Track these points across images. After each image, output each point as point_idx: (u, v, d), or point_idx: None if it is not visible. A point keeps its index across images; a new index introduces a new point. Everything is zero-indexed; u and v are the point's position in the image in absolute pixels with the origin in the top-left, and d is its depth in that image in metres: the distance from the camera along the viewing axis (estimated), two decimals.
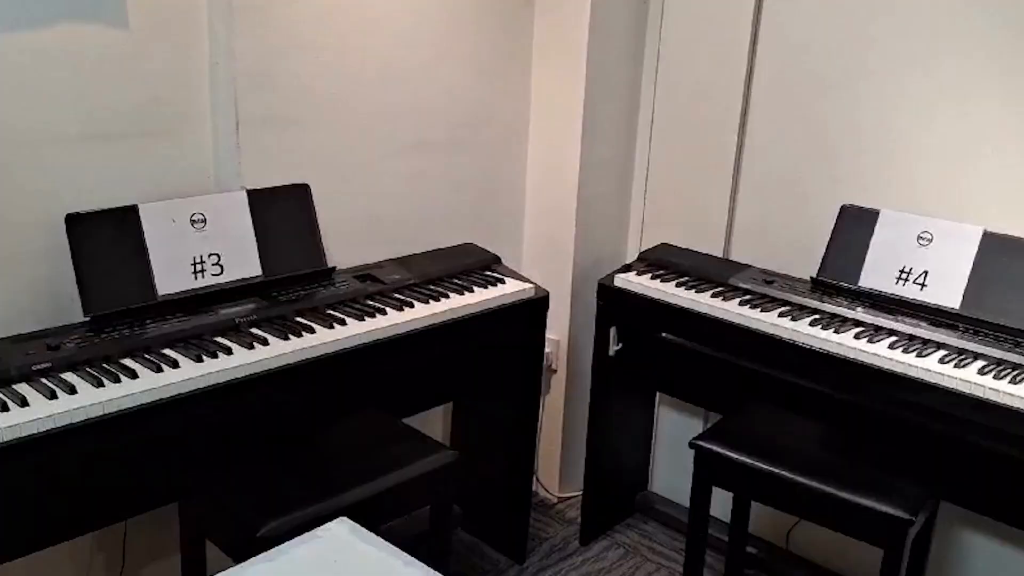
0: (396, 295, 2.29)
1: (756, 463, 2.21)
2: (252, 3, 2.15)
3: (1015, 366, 2.08)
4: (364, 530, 1.43)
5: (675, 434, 2.94)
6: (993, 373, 2.05)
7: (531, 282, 2.52)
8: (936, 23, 2.30)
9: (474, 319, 2.33)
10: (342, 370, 2.07)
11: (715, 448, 2.29)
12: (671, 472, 3.01)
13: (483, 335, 2.41)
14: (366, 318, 2.14)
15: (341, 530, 1.43)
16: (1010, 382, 2.01)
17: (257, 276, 2.17)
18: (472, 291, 2.39)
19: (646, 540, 2.92)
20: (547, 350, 2.90)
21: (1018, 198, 2.25)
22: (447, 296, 2.33)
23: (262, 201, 2.19)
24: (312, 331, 2.05)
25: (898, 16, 2.36)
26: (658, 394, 3.03)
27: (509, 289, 2.45)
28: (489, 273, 2.54)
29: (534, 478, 3.05)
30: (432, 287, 2.37)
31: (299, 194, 2.26)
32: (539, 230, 2.94)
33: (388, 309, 2.20)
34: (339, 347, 2.04)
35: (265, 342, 1.97)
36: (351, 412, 2.25)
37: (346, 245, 2.42)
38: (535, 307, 2.51)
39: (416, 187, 2.62)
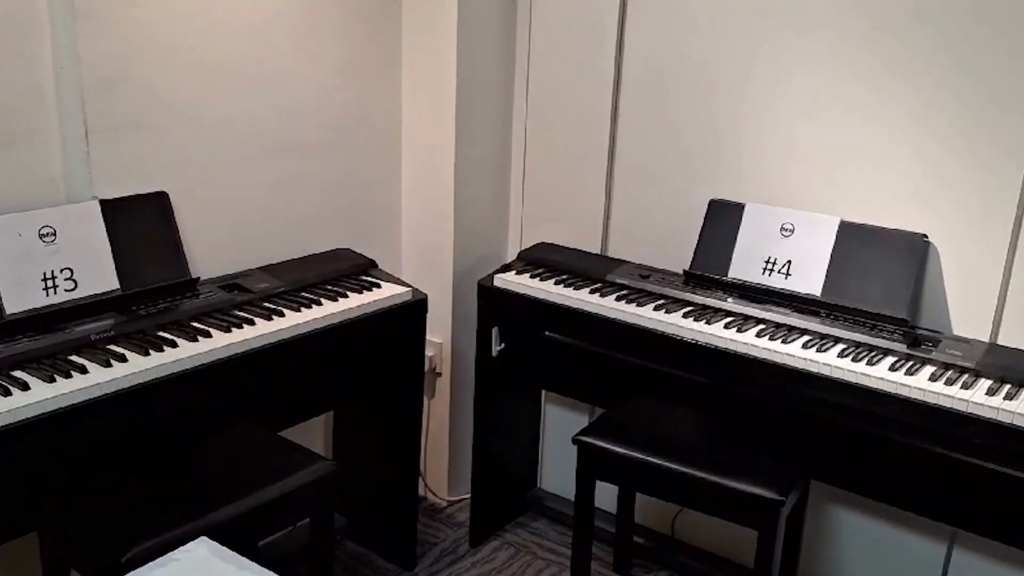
0: (265, 304, 2.23)
1: (636, 455, 2.25)
2: (96, 6, 2.05)
3: (872, 348, 2.18)
4: (225, 550, 1.38)
5: (562, 431, 2.96)
6: (852, 356, 2.14)
7: (408, 285, 2.49)
8: (799, 27, 2.39)
9: (349, 325, 2.29)
10: (210, 385, 2.00)
11: (597, 442, 2.32)
12: (560, 469, 3.03)
13: (360, 341, 2.37)
14: (233, 329, 2.07)
15: (200, 551, 1.38)
16: (867, 363, 2.10)
17: (115, 290, 2.08)
18: (346, 297, 2.35)
19: (536, 538, 2.93)
20: (430, 353, 2.88)
21: (871, 189, 2.35)
22: (319, 303, 2.28)
23: (117, 211, 2.09)
24: (175, 345, 1.97)
25: (763, 18, 2.44)
26: (544, 392, 3.05)
27: (385, 293, 2.41)
28: (364, 278, 2.50)
29: (422, 483, 3.03)
30: (304, 294, 2.32)
31: (157, 203, 2.17)
32: (417, 233, 2.91)
33: (256, 319, 2.13)
34: (204, 361, 1.97)
35: (123, 359, 1.89)
36: (223, 428, 2.17)
37: (212, 254, 2.34)
38: (413, 310, 2.48)
39: (285, 192, 2.56)
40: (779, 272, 2.42)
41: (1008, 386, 2.01)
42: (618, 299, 2.46)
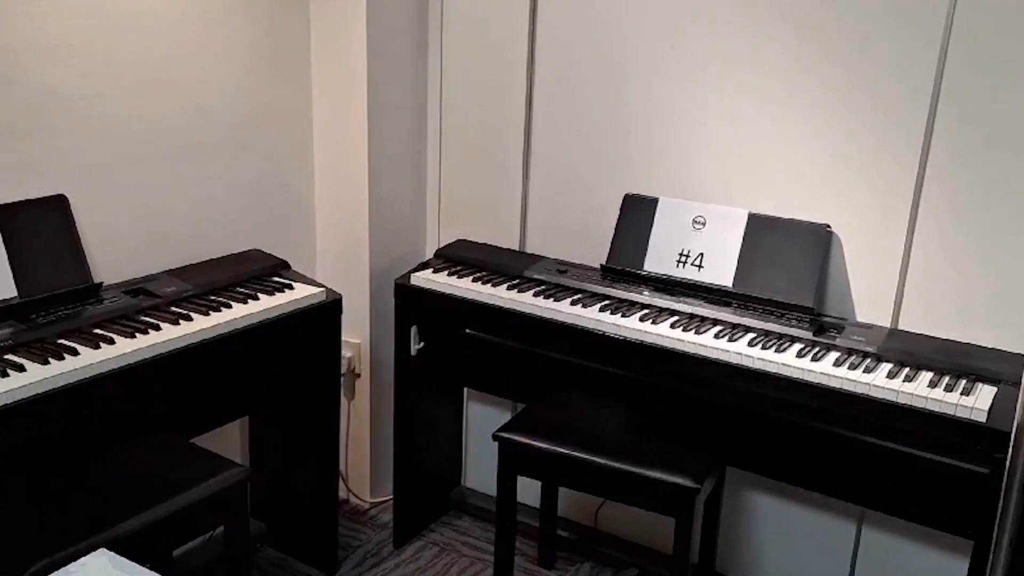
0: (172, 308, 2.18)
1: (555, 449, 2.26)
2: None
3: (780, 336, 2.23)
4: (125, 561, 1.34)
5: (486, 428, 2.95)
6: (761, 344, 2.19)
7: (322, 286, 2.46)
8: (706, 23, 2.43)
9: (261, 328, 2.25)
10: (115, 393, 1.94)
11: (517, 438, 2.33)
12: (484, 466, 3.03)
13: (273, 344, 2.33)
14: (137, 335, 2.01)
15: (99, 562, 1.33)
16: (775, 351, 2.16)
17: (12, 298, 2.00)
18: (257, 299, 2.30)
19: (461, 536, 2.92)
20: (348, 354, 2.85)
21: (777, 181, 2.41)
22: (229, 306, 2.23)
23: (11, 216, 2.01)
24: (75, 353, 1.90)
25: (671, 15, 2.47)
26: (466, 389, 3.04)
27: (298, 295, 2.38)
28: (276, 279, 2.46)
29: (344, 486, 2.99)
30: (213, 297, 2.27)
31: (55, 206, 2.10)
32: (331, 232, 2.88)
33: (162, 324, 2.08)
34: (107, 368, 1.91)
35: (21, 368, 1.81)
36: (132, 437, 2.11)
37: (116, 259, 2.27)
38: (327, 311, 2.45)
39: (193, 192, 2.49)
40: (692, 264, 2.46)
41: (907, 369, 2.08)
42: (536, 295, 2.47)
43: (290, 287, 2.42)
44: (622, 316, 2.34)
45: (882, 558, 2.44)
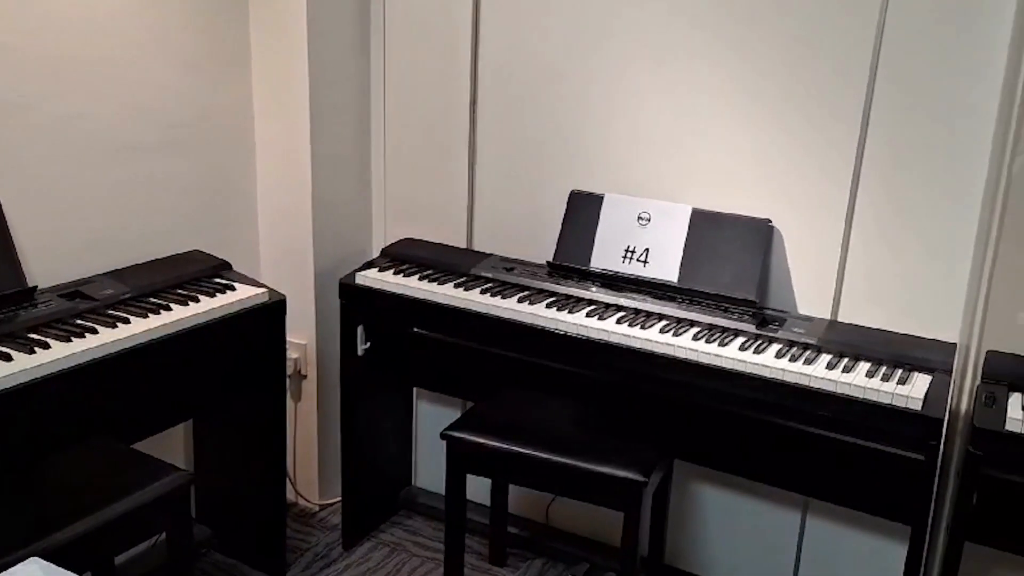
0: (109, 311, 2.13)
1: (503, 446, 2.26)
2: None
3: (724, 330, 2.26)
4: (58, 569, 1.31)
5: (436, 427, 2.92)
6: (705, 338, 2.22)
7: (264, 286, 2.43)
8: (645, 22, 2.45)
9: (203, 330, 2.21)
10: (50, 399, 1.89)
11: (465, 437, 2.32)
12: (434, 466, 3.02)
13: (215, 346, 2.29)
14: (73, 339, 1.96)
15: (30, 570, 1.30)
16: (719, 344, 2.19)
17: None
18: (198, 300, 2.27)
19: (411, 535, 2.91)
20: (294, 355, 2.82)
21: (719, 178, 2.44)
22: (169, 308, 2.19)
23: None
24: (8, 359, 1.85)
25: (611, 12, 2.49)
26: (415, 389, 3.03)
27: (240, 295, 2.34)
28: (218, 280, 2.42)
29: (292, 488, 2.96)
30: (152, 300, 2.23)
31: None
32: (275, 232, 2.84)
33: (99, 327, 2.03)
34: (43, 373, 1.86)
35: None
36: (70, 443, 2.06)
37: (51, 262, 2.22)
38: (271, 312, 2.42)
39: (130, 193, 2.44)
40: (638, 260, 2.48)
41: (846, 359, 2.12)
42: (483, 292, 2.47)
43: (232, 288, 2.38)
44: (569, 312, 2.35)
45: (826, 546, 2.49)
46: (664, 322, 2.31)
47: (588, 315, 2.34)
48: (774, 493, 2.50)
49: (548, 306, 2.39)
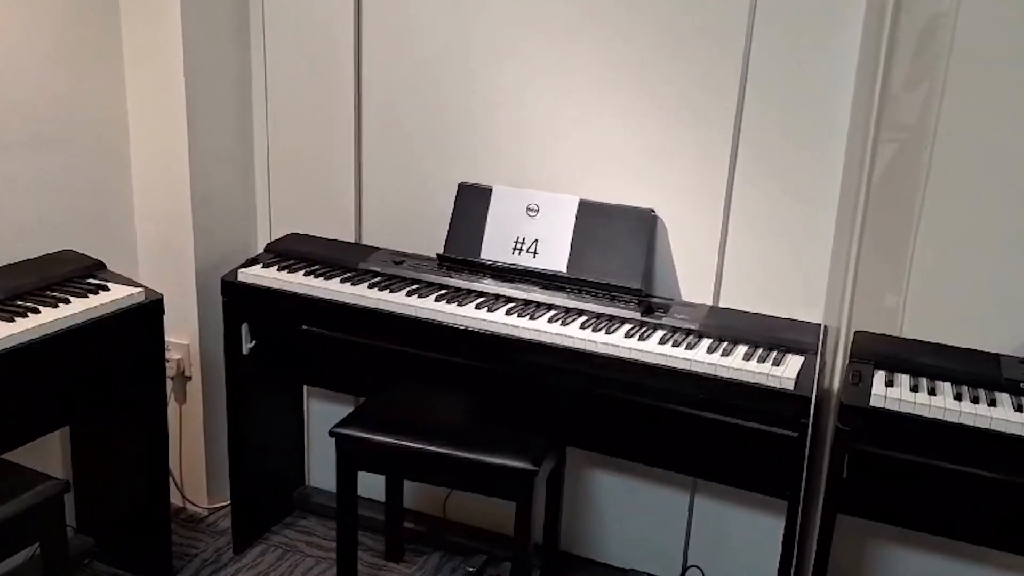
0: None
1: (392, 441, 2.25)
2: None
3: (611, 318, 2.31)
4: None
5: (328, 425, 2.85)
6: (593, 326, 2.26)
7: (141, 285, 2.34)
8: (526, 10, 2.46)
9: (75, 332, 2.12)
10: None
11: (354, 433, 2.29)
12: (328, 464, 2.94)
13: (89, 349, 2.20)
14: None
15: None
16: (606, 332, 2.22)
17: None
18: (69, 302, 2.17)
19: (304, 536, 2.86)
20: (176, 356, 2.73)
21: (605, 168, 2.48)
22: (37, 311, 2.09)
23: None
24: None
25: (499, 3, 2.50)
26: (306, 387, 2.98)
27: (114, 296, 2.25)
28: (91, 281, 2.32)
29: (179, 493, 2.87)
30: (19, 302, 2.12)
31: None
32: (153, 230, 2.74)
33: None
34: None
35: None
36: None
37: None
38: (148, 312, 2.33)
39: None
40: (528, 251, 2.50)
41: (725, 343, 2.20)
42: (371, 286, 2.44)
43: (105, 288, 2.29)
44: (458, 305, 2.35)
45: (714, 524, 2.57)
46: (553, 312, 2.33)
47: (477, 307, 2.34)
48: (665, 476, 2.56)
49: (438, 299, 2.38)
